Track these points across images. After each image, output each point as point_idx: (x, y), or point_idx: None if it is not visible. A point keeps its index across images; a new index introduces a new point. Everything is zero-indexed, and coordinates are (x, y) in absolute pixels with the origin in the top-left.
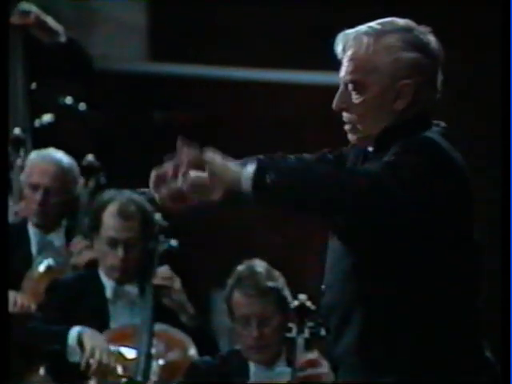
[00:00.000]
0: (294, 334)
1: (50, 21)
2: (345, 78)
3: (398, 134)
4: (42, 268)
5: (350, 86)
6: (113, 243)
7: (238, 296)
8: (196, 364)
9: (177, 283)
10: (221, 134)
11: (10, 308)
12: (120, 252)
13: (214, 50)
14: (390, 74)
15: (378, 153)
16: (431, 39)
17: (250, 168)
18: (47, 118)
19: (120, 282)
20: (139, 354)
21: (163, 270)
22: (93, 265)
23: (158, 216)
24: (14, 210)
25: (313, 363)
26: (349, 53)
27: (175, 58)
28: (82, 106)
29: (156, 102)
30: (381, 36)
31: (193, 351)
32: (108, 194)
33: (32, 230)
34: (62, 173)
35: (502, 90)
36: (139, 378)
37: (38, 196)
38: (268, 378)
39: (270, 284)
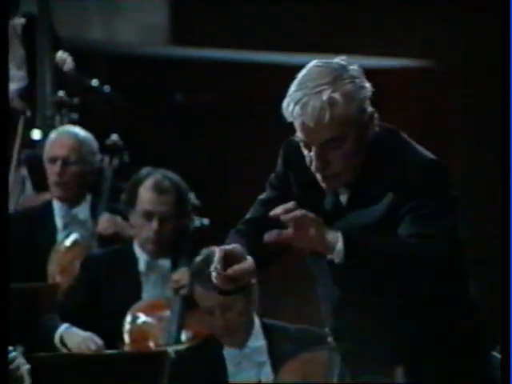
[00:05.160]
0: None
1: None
2: (323, 139)
3: (378, 161)
4: (68, 242)
5: (329, 144)
6: (148, 216)
7: (198, 290)
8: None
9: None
10: (245, 114)
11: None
12: (154, 224)
13: (235, 33)
14: (358, 116)
15: (363, 180)
16: (351, 62)
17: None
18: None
19: (153, 255)
20: (171, 324)
21: (181, 273)
22: (117, 236)
23: (191, 195)
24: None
25: None
26: (311, 116)
27: (197, 42)
28: (107, 88)
29: (178, 83)
30: (338, 88)
31: None
32: (144, 170)
33: (57, 205)
34: (78, 143)
35: (502, 89)
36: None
37: (56, 167)
38: (244, 356)
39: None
